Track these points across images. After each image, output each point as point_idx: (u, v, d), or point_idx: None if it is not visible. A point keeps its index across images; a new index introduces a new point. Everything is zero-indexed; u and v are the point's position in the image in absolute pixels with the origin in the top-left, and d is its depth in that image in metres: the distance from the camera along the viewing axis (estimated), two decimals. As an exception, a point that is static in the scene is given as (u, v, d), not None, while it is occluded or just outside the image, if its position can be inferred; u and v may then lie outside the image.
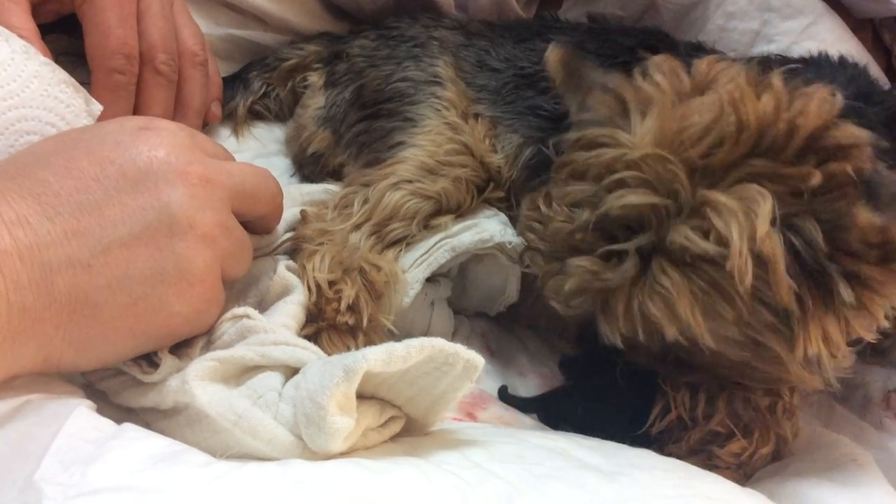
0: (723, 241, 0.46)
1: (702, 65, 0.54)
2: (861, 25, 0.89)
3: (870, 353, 0.70)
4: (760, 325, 0.49)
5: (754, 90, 0.51)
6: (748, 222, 0.46)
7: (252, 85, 0.84)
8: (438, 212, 0.68)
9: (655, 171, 0.49)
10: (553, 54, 0.61)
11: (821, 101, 0.50)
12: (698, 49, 0.75)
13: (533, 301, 0.71)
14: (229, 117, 0.83)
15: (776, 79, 0.52)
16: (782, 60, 0.69)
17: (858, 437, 0.63)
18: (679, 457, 0.53)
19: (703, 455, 0.56)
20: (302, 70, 0.84)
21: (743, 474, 0.57)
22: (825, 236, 0.47)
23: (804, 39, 0.82)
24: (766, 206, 0.46)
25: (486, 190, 0.71)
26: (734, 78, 0.52)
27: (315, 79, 0.81)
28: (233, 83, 0.84)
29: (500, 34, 0.80)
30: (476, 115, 0.73)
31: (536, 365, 0.72)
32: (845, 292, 0.48)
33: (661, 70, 0.54)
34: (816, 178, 0.47)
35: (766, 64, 0.58)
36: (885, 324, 0.51)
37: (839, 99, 0.51)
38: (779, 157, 0.49)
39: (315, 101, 0.79)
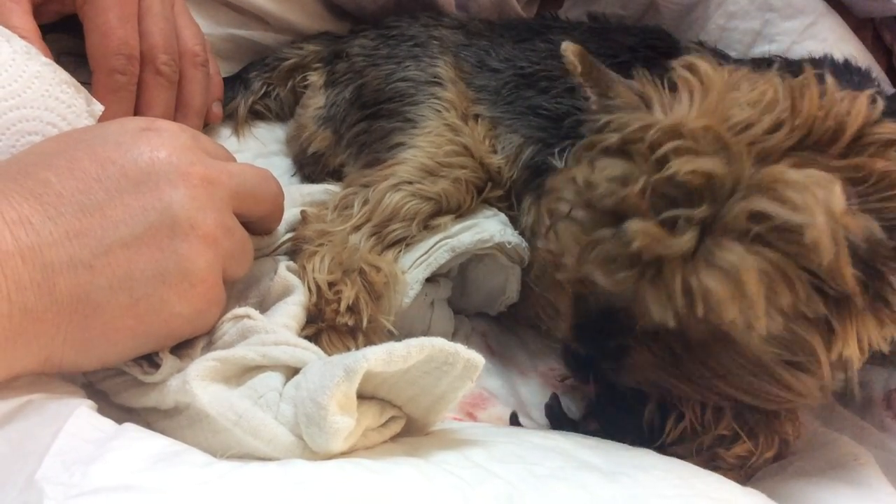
0: (802, 211, 0.44)
1: (721, 70, 0.54)
2: (862, 25, 0.89)
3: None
4: (807, 320, 0.48)
5: (810, 82, 0.50)
6: (826, 196, 0.44)
7: (252, 85, 0.84)
8: (438, 212, 0.68)
9: (711, 144, 0.47)
10: (570, 48, 0.59)
11: (866, 102, 0.50)
12: (700, 48, 0.75)
13: (534, 301, 0.71)
14: (230, 117, 0.83)
15: (830, 78, 0.51)
16: (786, 63, 0.70)
17: (859, 436, 0.63)
18: (682, 457, 0.53)
19: (706, 455, 0.56)
20: (302, 70, 0.84)
21: (744, 475, 0.57)
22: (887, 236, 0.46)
23: (805, 39, 0.82)
24: (836, 187, 0.45)
25: (485, 190, 0.71)
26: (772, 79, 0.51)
27: (315, 78, 0.81)
28: (233, 83, 0.84)
29: (500, 34, 0.80)
30: (476, 116, 0.73)
31: (537, 364, 0.72)
32: (892, 297, 0.48)
33: (704, 61, 0.53)
34: (880, 165, 0.47)
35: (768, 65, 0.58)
36: None
37: (880, 103, 0.51)
38: (826, 151, 0.48)
39: (315, 101, 0.80)
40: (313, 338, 0.58)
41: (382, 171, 0.68)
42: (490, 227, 0.68)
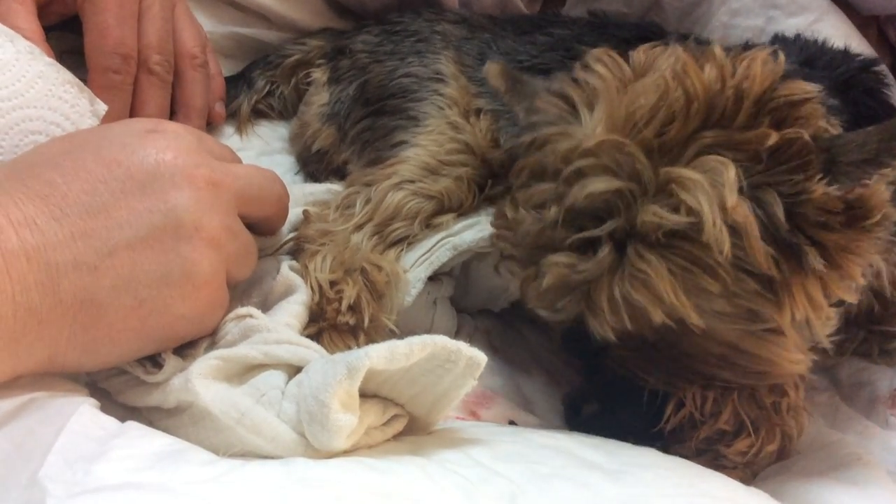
0: (693, 213, 0.46)
1: (639, 53, 0.54)
2: (866, 22, 0.89)
3: (878, 353, 0.70)
4: (748, 293, 0.48)
5: (696, 62, 0.51)
6: (716, 192, 0.46)
7: (256, 84, 0.84)
8: (440, 211, 0.68)
9: (612, 156, 0.49)
10: (492, 68, 0.61)
11: (764, 62, 0.50)
12: (685, 41, 0.75)
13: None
14: (233, 116, 0.83)
15: (717, 48, 0.52)
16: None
17: (864, 435, 0.63)
18: (685, 457, 0.53)
19: (709, 455, 0.55)
20: (305, 66, 0.84)
21: (750, 473, 0.56)
22: (786, 208, 0.47)
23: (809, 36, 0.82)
24: (729, 174, 0.46)
25: (486, 187, 0.71)
26: (673, 55, 0.52)
27: (318, 75, 0.81)
28: (236, 82, 0.84)
29: (502, 27, 0.80)
30: (478, 111, 0.73)
31: (541, 361, 0.72)
32: (815, 260, 0.48)
33: (601, 62, 0.54)
34: (773, 139, 0.47)
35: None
36: (863, 282, 0.51)
37: (781, 58, 0.51)
38: (731, 124, 0.48)
39: (319, 98, 0.79)
40: (315, 337, 0.58)
41: (384, 170, 0.68)
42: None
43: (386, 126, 0.72)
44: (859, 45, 0.83)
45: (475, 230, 0.67)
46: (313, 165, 0.79)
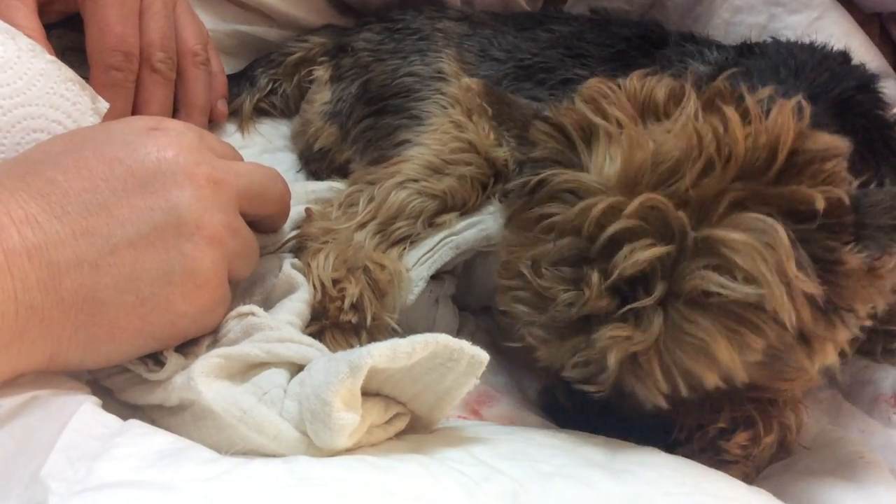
0: (753, 280, 0.44)
1: (632, 81, 0.53)
2: (868, 20, 0.89)
3: (881, 352, 0.70)
4: (785, 347, 0.48)
5: (725, 111, 0.49)
6: (773, 257, 0.44)
7: (258, 82, 0.84)
8: (443, 210, 0.68)
9: (650, 217, 0.46)
10: (474, 86, 0.59)
11: (790, 115, 0.49)
12: (690, 39, 0.76)
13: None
14: (235, 114, 0.83)
15: (748, 97, 0.50)
16: (761, 47, 0.70)
17: (866, 433, 0.62)
18: (688, 456, 0.53)
19: (710, 452, 0.55)
20: (307, 64, 0.83)
21: (753, 467, 0.56)
22: (819, 273, 0.46)
23: (811, 34, 0.81)
24: (781, 235, 0.44)
25: (489, 186, 0.71)
26: (691, 98, 0.50)
27: (321, 73, 0.81)
28: (239, 81, 0.84)
29: (503, 22, 0.80)
30: (480, 109, 0.73)
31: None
32: (849, 319, 0.48)
33: (602, 95, 0.52)
34: (820, 202, 0.46)
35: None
36: (869, 322, 0.51)
37: (807, 109, 0.50)
38: (761, 178, 0.47)
39: (321, 96, 0.79)
40: (317, 335, 0.58)
41: (388, 169, 0.68)
42: (495, 224, 0.67)
43: (389, 125, 0.72)
44: (861, 43, 0.83)
45: (477, 229, 0.67)
46: (315, 164, 0.80)
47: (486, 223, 0.68)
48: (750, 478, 0.55)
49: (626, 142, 0.49)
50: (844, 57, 0.70)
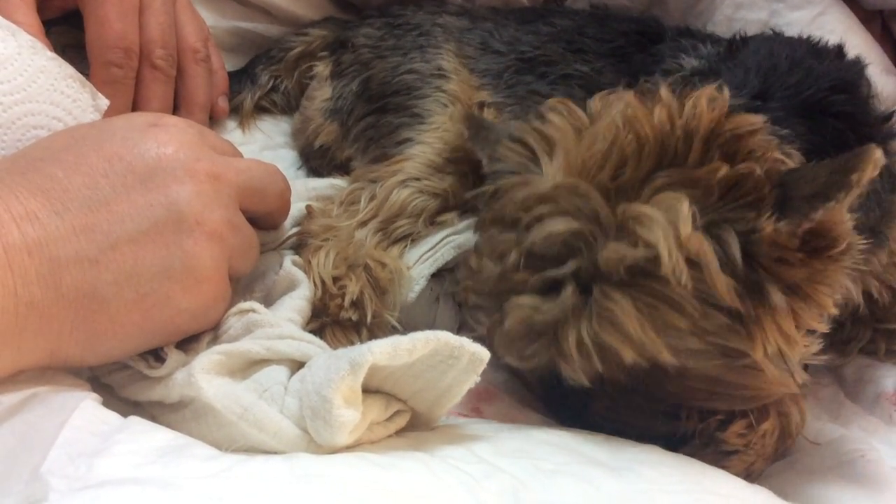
0: (650, 247, 0.45)
1: (595, 101, 0.55)
2: (870, 17, 0.88)
3: (884, 352, 0.70)
4: (718, 329, 0.48)
5: (645, 106, 0.51)
6: (671, 225, 0.45)
7: (260, 79, 0.84)
8: (445, 209, 0.68)
9: (570, 199, 0.49)
10: (456, 112, 0.63)
11: (710, 99, 0.50)
12: (686, 34, 0.76)
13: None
14: (235, 112, 0.83)
15: (663, 90, 0.52)
16: (754, 41, 0.70)
17: (867, 431, 0.62)
18: (692, 453, 0.53)
19: (712, 447, 0.55)
20: (308, 58, 0.83)
21: (758, 456, 0.55)
22: (742, 245, 0.47)
23: (813, 30, 0.81)
24: (683, 207, 0.45)
25: None
26: (623, 100, 0.53)
27: (321, 68, 0.81)
28: (240, 78, 0.84)
29: (504, 17, 0.80)
30: (481, 104, 0.73)
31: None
32: (776, 295, 0.47)
33: (556, 111, 0.54)
34: (723, 171, 0.47)
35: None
36: (835, 311, 0.51)
37: (726, 94, 0.52)
38: (684, 163, 0.48)
39: (321, 93, 0.79)
40: (318, 332, 0.58)
41: (390, 167, 0.68)
42: None
43: (390, 124, 0.72)
44: (863, 40, 0.83)
45: None
46: (316, 161, 0.79)
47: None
48: (756, 467, 0.55)
49: (565, 144, 0.52)
50: (838, 53, 0.69)
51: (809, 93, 0.60)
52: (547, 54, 0.74)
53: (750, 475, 0.54)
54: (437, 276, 0.67)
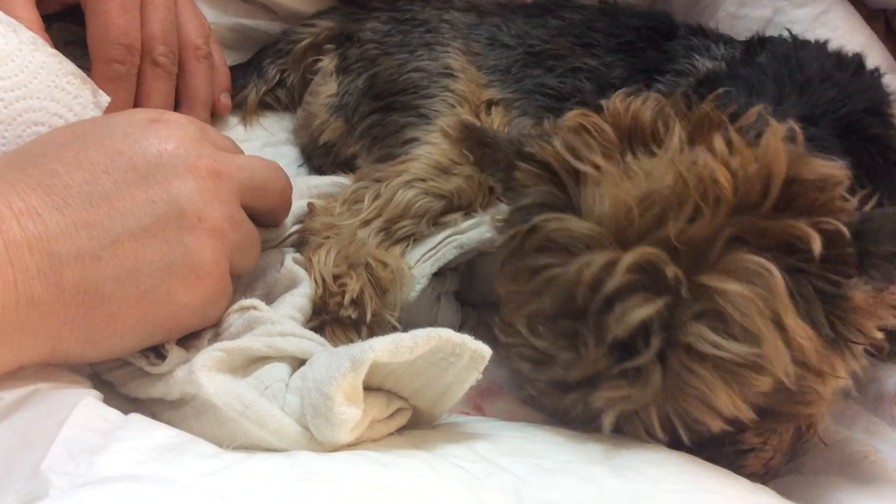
0: (748, 337, 0.43)
1: (615, 102, 0.51)
2: (874, 15, 0.88)
3: (887, 353, 0.69)
4: (797, 380, 0.46)
5: (707, 144, 0.47)
6: (769, 308, 0.43)
7: (267, 73, 0.83)
8: (449, 210, 0.67)
9: (645, 268, 0.45)
10: (455, 127, 0.57)
11: (780, 142, 0.47)
12: (698, 32, 0.75)
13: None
14: (239, 107, 0.82)
15: (729, 127, 0.48)
16: (774, 44, 0.69)
17: (870, 432, 0.62)
18: (709, 453, 0.51)
19: (729, 447, 0.53)
20: (314, 51, 0.82)
21: (775, 451, 0.54)
22: (825, 308, 0.45)
23: (816, 27, 0.81)
24: (777, 281, 0.43)
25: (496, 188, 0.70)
26: (676, 129, 0.48)
27: (326, 63, 0.80)
28: (246, 71, 0.83)
29: (511, 11, 0.80)
30: (489, 103, 0.72)
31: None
32: (857, 348, 0.47)
33: (584, 129, 0.51)
34: (802, 226, 0.44)
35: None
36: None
37: (800, 136, 0.48)
38: (755, 210, 0.45)
39: (326, 88, 0.78)
40: (318, 330, 0.58)
41: (395, 167, 0.68)
42: None
43: (396, 122, 0.72)
44: (866, 39, 0.82)
45: (482, 229, 0.66)
46: (319, 158, 0.79)
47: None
48: (774, 463, 0.54)
49: (609, 182, 0.47)
50: (858, 64, 0.68)
51: (844, 112, 0.59)
52: (556, 48, 0.74)
53: (769, 472, 0.54)
54: (439, 275, 0.67)
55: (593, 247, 0.46)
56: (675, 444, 0.49)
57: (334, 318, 0.59)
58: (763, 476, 0.54)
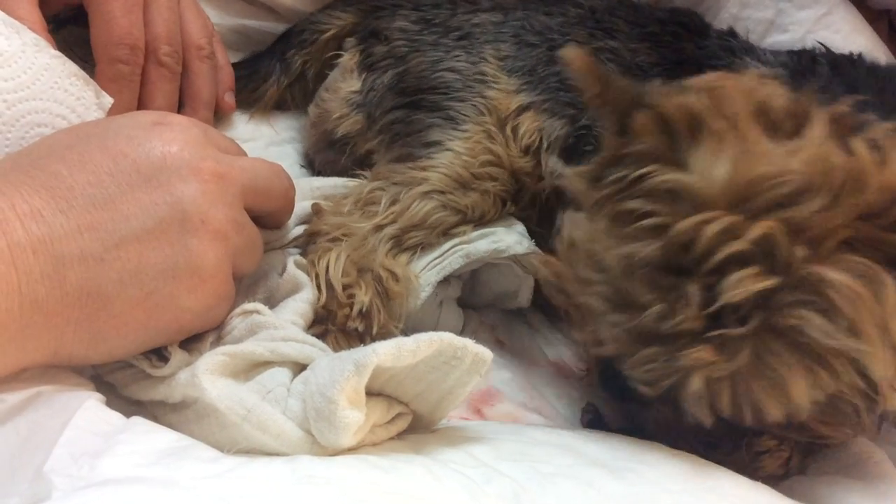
0: (856, 333, 0.43)
1: (747, 80, 0.50)
2: (877, 17, 0.88)
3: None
4: (853, 391, 0.46)
5: (858, 143, 0.46)
6: (878, 311, 0.43)
7: (292, 65, 0.81)
8: (462, 222, 0.67)
9: (763, 243, 0.44)
10: (573, 55, 0.52)
11: None
12: (731, 35, 0.74)
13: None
14: (256, 101, 0.81)
15: (881, 134, 0.47)
16: (826, 56, 0.68)
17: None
18: (724, 455, 0.52)
19: (745, 449, 0.53)
20: (336, 42, 0.80)
21: (792, 451, 0.54)
22: None
23: (819, 29, 0.81)
24: (890, 290, 0.43)
25: (508, 203, 0.69)
26: (818, 120, 0.48)
27: (346, 59, 0.77)
28: (269, 61, 0.81)
29: (532, 2, 0.78)
30: (520, 109, 0.70)
31: (550, 353, 0.72)
32: None
33: (710, 91, 0.50)
34: None
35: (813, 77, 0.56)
36: None
37: None
38: (875, 220, 0.45)
39: (348, 85, 0.75)
40: (320, 337, 0.56)
41: (415, 173, 0.66)
42: (507, 238, 0.66)
43: (422, 121, 0.70)
44: (869, 40, 0.82)
45: (489, 240, 0.66)
46: (331, 153, 0.76)
47: (500, 235, 0.67)
48: (792, 461, 0.54)
49: (740, 150, 0.46)
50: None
51: None
52: (576, 39, 0.72)
53: (788, 472, 0.54)
54: (442, 281, 0.66)
55: (703, 207, 0.45)
56: (695, 433, 0.49)
57: (340, 329, 0.59)
58: (781, 477, 0.54)
